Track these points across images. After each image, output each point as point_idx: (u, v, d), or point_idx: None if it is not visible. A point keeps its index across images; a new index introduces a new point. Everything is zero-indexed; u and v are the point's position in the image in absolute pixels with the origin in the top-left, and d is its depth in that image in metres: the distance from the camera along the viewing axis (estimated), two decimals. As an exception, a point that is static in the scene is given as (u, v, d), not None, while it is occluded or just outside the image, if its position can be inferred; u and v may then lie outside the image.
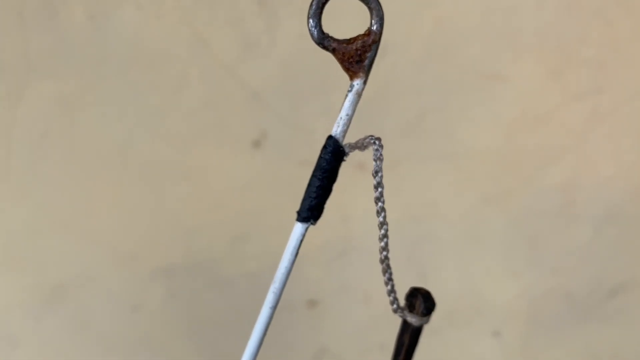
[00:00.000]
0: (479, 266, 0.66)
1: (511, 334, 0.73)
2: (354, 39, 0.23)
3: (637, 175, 0.62)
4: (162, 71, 0.50)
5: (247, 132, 0.54)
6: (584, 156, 0.59)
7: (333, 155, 0.24)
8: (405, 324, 0.28)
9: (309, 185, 0.25)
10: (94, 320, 0.65)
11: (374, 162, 0.25)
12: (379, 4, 0.22)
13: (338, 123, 0.24)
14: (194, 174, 0.55)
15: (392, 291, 0.27)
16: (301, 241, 0.25)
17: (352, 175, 0.58)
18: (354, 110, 0.24)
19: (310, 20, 0.22)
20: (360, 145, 0.24)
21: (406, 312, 0.27)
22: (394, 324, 0.75)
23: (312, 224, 0.25)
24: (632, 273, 0.69)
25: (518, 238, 0.65)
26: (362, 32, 0.23)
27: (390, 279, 0.26)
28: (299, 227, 0.25)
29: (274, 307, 0.25)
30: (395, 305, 0.27)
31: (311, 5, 0.22)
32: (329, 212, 0.66)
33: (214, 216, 0.58)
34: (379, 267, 0.71)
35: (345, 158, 0.25)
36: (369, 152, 0.62)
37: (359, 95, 0.24)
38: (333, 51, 0.23)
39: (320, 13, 0.22)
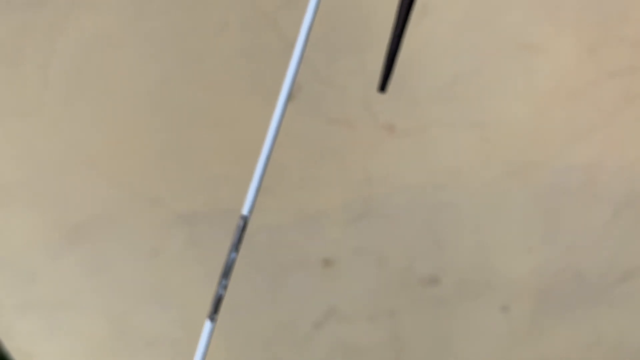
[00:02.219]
0: (495, 238, 0.67)
1: (520, 310, 0.74)
2: None
3: (661, 161, 0.62)
4: (204, 14, 0.50)
5: (281, 84, 0.54)
6: (611, 136, 0.60)
7: None
8: None
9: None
10: (112, 262, 0.66)
11: None
12: None
13: None
14: (224, 122, 0.56)
15: None
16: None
17: (380, 137, 0.58)
18: None
19: None
20: None
21: None
22: (407, 291, 0.76)
23: None
24: (645, 259, 0.70)
25: (537, 213, 0.65)
26: None
27: None
28: None
29: None
30: None
31: None
32: (352, 171, 0.66)
33: (240, 166, 0.59)
34: (397, 233, 0.71)
35: None
36: (399, 114, 0.61)
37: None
38: None
39: None
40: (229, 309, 0.70)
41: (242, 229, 0.25)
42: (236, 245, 0.25)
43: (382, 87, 0.29)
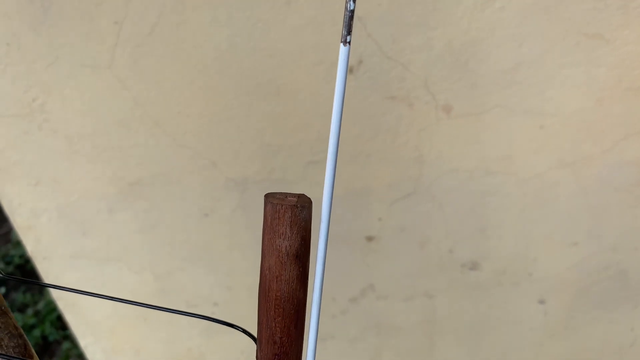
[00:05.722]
0: (539, 230, 0.67)
1: (557, 304, 0.74)
2: None
3: None
4: (276, -18, 0.51)
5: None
6: (669, 135, 0.59)
7: None
8: None
9: None
10: (164, 220, 0.68)
11: None
12: None
13: None
14: (284, 93, 0.57)
15: None
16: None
17: (436, 117, 0.59)
18: None
19: None
20: None
21: None
22: (446, 275, 0.76)
23: None
24: (691, 263, 0.69)
25: (584, 208, 0.65)
26: None
27: None
28: None
29: None
30: None
31: None
32: (404, 150, 0.66)
33: (295, 137, 0.60)
34: (441, 215, 0.71)
35: None
36: (458, 96, 0.61)
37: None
38: None
39: None
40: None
41: None
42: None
43: None
